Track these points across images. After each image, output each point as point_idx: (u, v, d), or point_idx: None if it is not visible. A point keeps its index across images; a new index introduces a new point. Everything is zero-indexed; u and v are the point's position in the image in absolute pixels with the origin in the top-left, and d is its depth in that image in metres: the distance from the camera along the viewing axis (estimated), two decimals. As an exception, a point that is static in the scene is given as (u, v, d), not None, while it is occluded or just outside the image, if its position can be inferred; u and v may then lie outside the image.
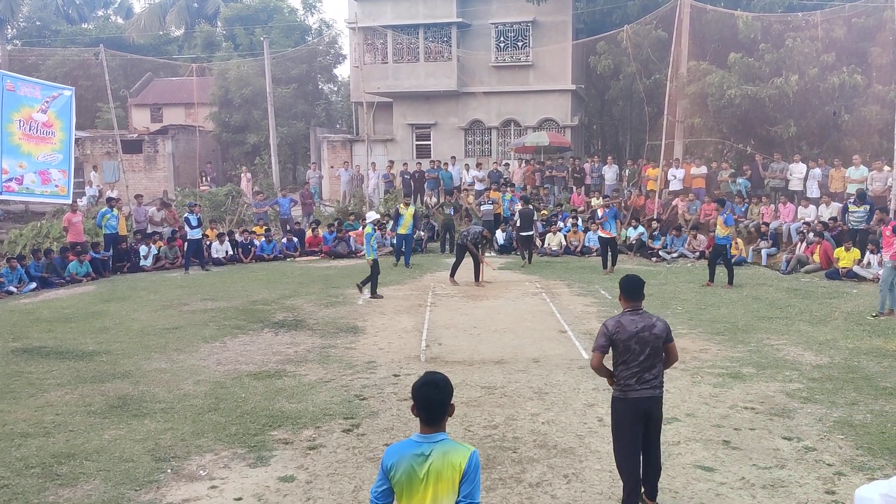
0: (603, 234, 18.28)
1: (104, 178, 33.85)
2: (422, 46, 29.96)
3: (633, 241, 21.18)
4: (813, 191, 20.61)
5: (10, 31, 50.55)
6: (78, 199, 23.49)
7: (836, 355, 10.47)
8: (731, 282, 15.93)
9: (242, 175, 32.27)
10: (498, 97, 30.23)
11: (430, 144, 31.25)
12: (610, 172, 25.14)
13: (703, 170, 22.89)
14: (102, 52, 26.59)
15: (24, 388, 9.41)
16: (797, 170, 21.09)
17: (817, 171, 20.69)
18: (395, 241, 20.66)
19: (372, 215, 16.46)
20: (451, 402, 3.73)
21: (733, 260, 18.78)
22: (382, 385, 9.34)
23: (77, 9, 56.00)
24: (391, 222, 22.13)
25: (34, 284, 17.40)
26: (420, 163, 27.91)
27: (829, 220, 18.93)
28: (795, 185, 21.11)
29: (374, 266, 15.23)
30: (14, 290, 16.95)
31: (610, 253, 18.12)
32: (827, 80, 20.96)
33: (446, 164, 27.29)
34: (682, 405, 8.41)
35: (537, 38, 29.44)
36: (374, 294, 15.21)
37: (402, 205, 20.43)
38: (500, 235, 22.31)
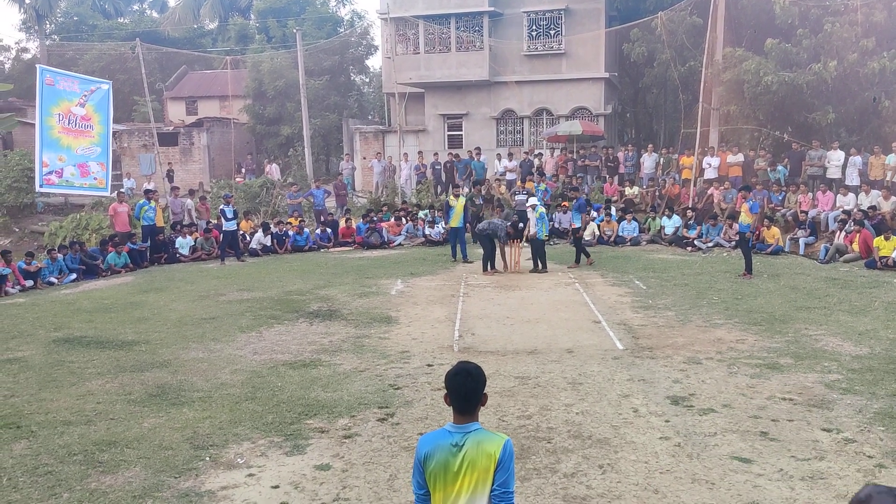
0: (570, 228, 18.18)
1: (141, 170, 34.38)
2: (453, 36, 29.88)
3: (669, 234, 20.99)
4: (852, 178, 20.23)
5: (48, 26, 51.40)
6: (123, 191, 23.85)
7: (876, 346, 10.28)
8: (749, 270, 15.68)
9: (266, 165, 32.79)
10: (530, 86, 30.06)
11: (461, 135, 31.21)
12: (649, 161, 24.87)
13: (741, 158, 22.57)
14: (138, 46, 26.95)
15: (65, 377, 9.61)
16: (836, 157, 20.72)
17: (857, 158, 20.31)
18: (438, 233, 20.77)
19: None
20: (485, 391, 3.72)
21: (770, 249, 18.62)
22: (416, 374, 9.38)
23: (113, 3, 56.79)
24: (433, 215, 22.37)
25: (74, 275, 17.74)
26: (451, 153, 27.89)
27: (869, 208, 18.57)
28: (834, 173, 20.75)
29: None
30: (55, 280, 17.32)
31: (576, 247, 17.81)
32: (867, 66, 20.55)
33: (478, 153, 27.24)
34: (719, 396, 8.33)
35: (570, 26, 29.20)
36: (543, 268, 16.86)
37: (451, 196, 19.47)
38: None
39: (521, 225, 17.62)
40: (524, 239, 17.69)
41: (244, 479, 6.55)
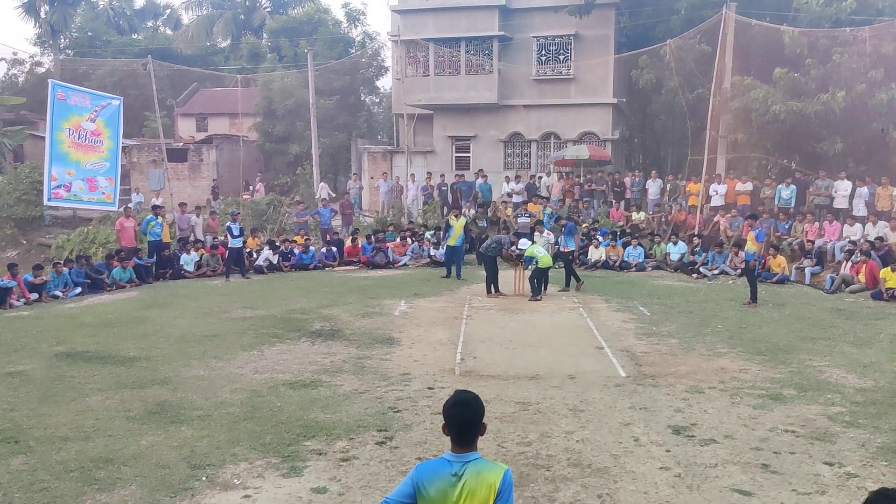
0: (562, 251, 18.19)
1: (149, 185, 34.53)
2: (463, 59, 30.06)
3: (675, 260, 20.92)
4: (859, 209, 20.20)
5: (62, 41, 51.88)
6: (130, 206, 23.96)
7: (880, 378, 10.20)
8: (754, 299, 15.63)
9: (257, 183, 32.91)
10: (538, 110, 30.16)
11: (469, 157, 31.29)
12: (654, 186, 24.90)
13: (749, 186, 22.55)
14: (150, 63, 27.17)
15: (66, 392, 9.60)
16: (843, 187, 20.71)
17: (864, 189, 20.28)
18: (442, 253, 20.93)
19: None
20: (483, 420, 3.69)
21: (775, 278, 18.54)
22: (416, 398, 9.33)
23: (127, 20, 57.37)
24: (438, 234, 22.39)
25: (79, 289, 17.77)
26: (458, 174, 27.97)
27: (876, 239, 18.52)
28: (841, 203, 20.73)
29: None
30: (60, 294, 17.34)
31: (567, 270, 17.81)
32: (875, 97, 20.57)
33: (486, 175, 27.30)
34: (721, 426, 8.26)
35: (579, 52, 29.33)
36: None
37: (451, 216, 20.14)
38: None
39: (523, 247, 17.64)
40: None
41: (240, 500, 6.51)
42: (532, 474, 7.01)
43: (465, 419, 3.61)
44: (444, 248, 20.51)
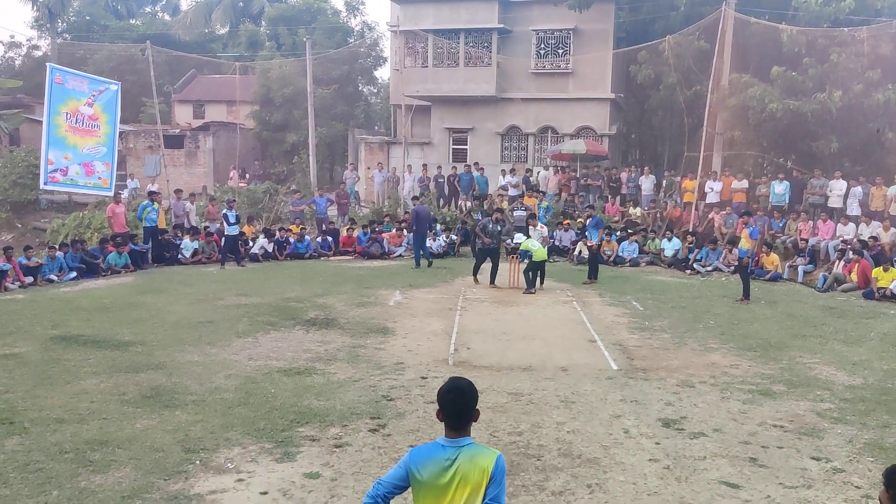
0: (588, 244, 18.37)
1: (145, 171, 34.46)
2: (462, 51, 30.02)
3: (669, 256, 21.01)
4: (853, 209, 20.30)
5: (60, 25, 51.60)
6: (120, 192, 23.93)
7: (869, 376, 10.30)
8: (746, 295, 15.74)
9: (232, 171, 32.90)
10: (536, 104, 30.15)
11: (466, 149, 31.31)
12: (647, 182, 24.98)
13: (745, 184, 22.63)
14: (149, 49, 27.08)
15: (61, 374, 9.64)
16: (837, 187, 20.80)
17: (858, 189, 20.38)
18: (439, 245, 21.38)
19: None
20: (477, 407, 3.76)
21: (768, 276, 18.65)
22: (410, 387, 9.40)
23: (126, 5, 57.04)
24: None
25: (74, 274, 17.78)
26: (455, 167, 28.00)
27: (869, 238, 18.62)
28: (835, 202, 20.82)
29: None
30: (55, 278, 17.36)
31: (590, 263, 18.10)
32: (871, 97, 20.64)
33: (482, 168, 27.32)
34: (710, 420, 8.35)
35: (578, 46, 29.32)
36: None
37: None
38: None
39: (518, 240, 17.78)
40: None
41: (233, 483, 6.58)
42: (523, 463, 7.09)
43: (459, 405, 3.68)
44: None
